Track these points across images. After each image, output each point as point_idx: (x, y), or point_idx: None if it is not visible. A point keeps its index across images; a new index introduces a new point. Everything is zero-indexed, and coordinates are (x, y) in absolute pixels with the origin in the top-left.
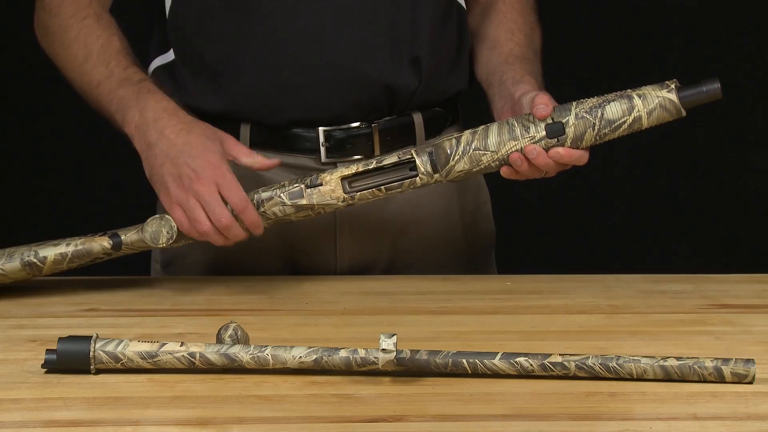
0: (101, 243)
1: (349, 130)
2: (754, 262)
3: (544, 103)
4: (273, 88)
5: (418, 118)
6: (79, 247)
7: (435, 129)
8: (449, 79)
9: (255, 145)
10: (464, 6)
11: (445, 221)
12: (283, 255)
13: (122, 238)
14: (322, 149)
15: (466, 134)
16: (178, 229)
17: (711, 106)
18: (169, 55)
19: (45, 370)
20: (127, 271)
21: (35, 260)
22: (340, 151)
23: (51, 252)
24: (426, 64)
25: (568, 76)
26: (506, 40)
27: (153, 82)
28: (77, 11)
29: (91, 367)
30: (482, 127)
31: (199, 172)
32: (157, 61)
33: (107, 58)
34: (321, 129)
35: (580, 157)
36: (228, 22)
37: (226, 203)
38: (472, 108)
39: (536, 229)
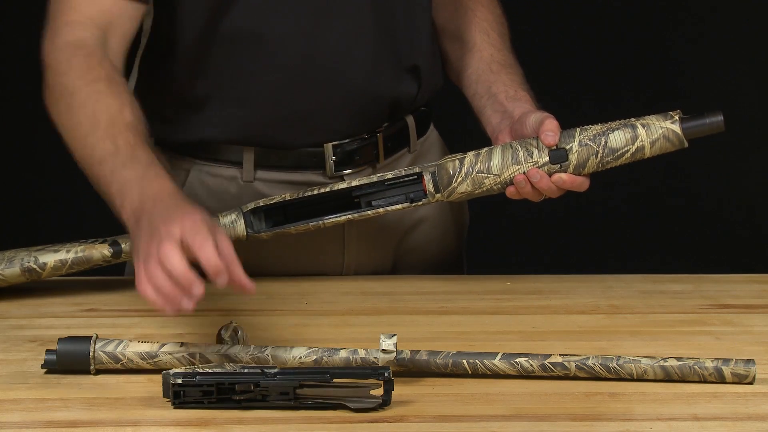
0: (101, 251)
1: (354, 142)
2: (754, 262)
3: (552, 130)
4: (282, 118)
5: (410, 121)
6: (79, 255)
7: (423, 127)
8: (434, 78)
9: (260, 166)
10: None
11: (441, 220)
12: (290, 264)
13: (122, 246)
14: (330, 163)
15: (470, 156)
16: None
17: (712, 104)
18: (130, 83)
19: (45, 370)
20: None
21: (35, 266)
22: (347, 163)
23: (51, 258)
24: (425, 70)
25: (567, 93)
26: (483, 43)
27: (161, 163)
28: (86, 72)
29: (91, 367)
30: (485, 149)
31: (168, 221)
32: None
33: (115, 133)
34: (328, 145)
35: (582, 183)
36: (226, 52)
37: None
38: (441, 100)
39: (536, 230)
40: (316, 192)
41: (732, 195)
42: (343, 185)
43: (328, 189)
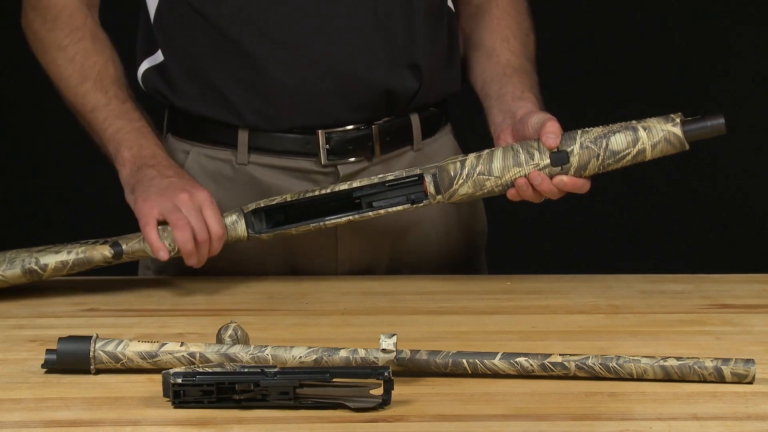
0: (102, 252)
1: (349, 132)
2: (754, 262)
3: (553, 132)
4: (274, 97)
5: (415, 119)
6: (80, 256)
7: (430, 129)
8: (444, 81)
9: (254, 149)
10: (453, 9)
11: (443, 222)
12: (284, 258)
13: (123, 247)
14: (322, 152)
15: (471, 158)
16: None
17: (713, 104)
18: (158, 56)
19: (45, 370)
20: (127, 271)
21: (36, 267)
22: (340, 153)
23: (52, 260)
24: (425, 69)
25: (568, 95)
26: (502, 49)
27: (148, 123)
28: (73, 31)
29: (91, 367)
30: (486, 151)
31: (187, 189)
32: (146, 63)
33: (105, 86)
34: (321, 132)
35: (583, 185)
36: (226, 30)
37: None
38: (464, 108)
39: (536, 230)
40: (317, 193)
41: (732, 195)
42: (344, 186)
43: (329, 190)
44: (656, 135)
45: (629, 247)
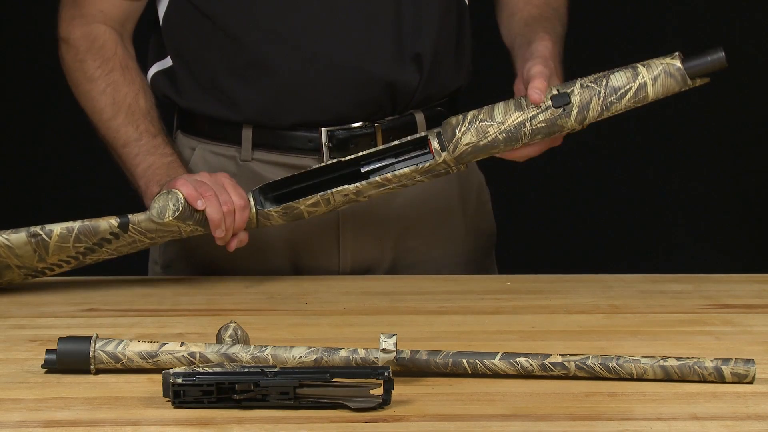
0: (108, 221)
1: (351, 130)
2: (754, 262)
3: (539, 88)
4: (276, 92)
5: (420, 117)
6: (86, 224)
7: (436, 127)
8: (449, 74)
9: (257, 146)
10: (466, 2)
11: (447, 221)
12: (287, 255)
13: (130, 217)
14: (325, 149)
15: (472, 111)
16: (185, 201)
17: (712, 105)
18: (167, 61)
19: (45, 370)
20: (127, 271)
21: (41, 232)
22: (342, 151)
23: (57, 226)
24: (427, 60)
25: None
26: (525, 5)
27: (179, 156)
28: (104, 62)
29: (91, 367)
30: (488, 105)
31: (208, 175)
32: (155, 67)
33: (136, 120)
34: (324, 129)
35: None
36: (228, 26)
37: None
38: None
39: (536, 229)
40: (323, 164)
41: (732, 195)
42: (349, 156)
43: (335, 160)
44: (656, 69)
45: (629, 247)
